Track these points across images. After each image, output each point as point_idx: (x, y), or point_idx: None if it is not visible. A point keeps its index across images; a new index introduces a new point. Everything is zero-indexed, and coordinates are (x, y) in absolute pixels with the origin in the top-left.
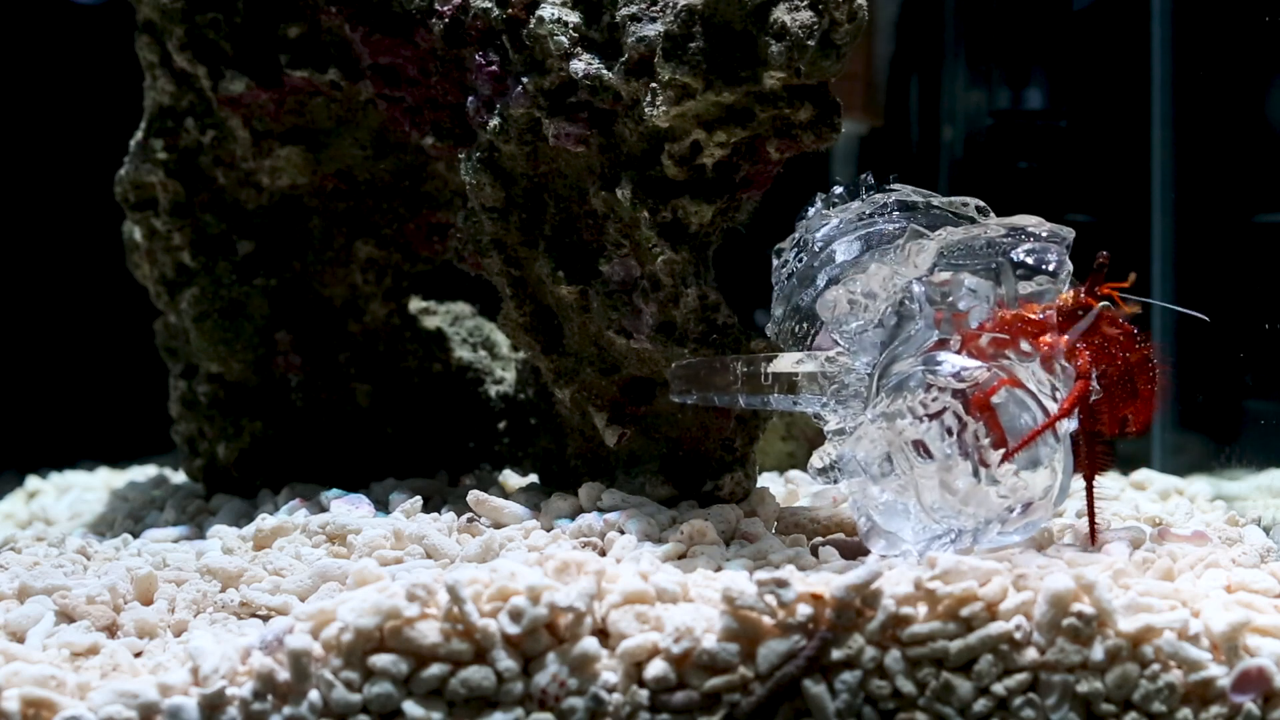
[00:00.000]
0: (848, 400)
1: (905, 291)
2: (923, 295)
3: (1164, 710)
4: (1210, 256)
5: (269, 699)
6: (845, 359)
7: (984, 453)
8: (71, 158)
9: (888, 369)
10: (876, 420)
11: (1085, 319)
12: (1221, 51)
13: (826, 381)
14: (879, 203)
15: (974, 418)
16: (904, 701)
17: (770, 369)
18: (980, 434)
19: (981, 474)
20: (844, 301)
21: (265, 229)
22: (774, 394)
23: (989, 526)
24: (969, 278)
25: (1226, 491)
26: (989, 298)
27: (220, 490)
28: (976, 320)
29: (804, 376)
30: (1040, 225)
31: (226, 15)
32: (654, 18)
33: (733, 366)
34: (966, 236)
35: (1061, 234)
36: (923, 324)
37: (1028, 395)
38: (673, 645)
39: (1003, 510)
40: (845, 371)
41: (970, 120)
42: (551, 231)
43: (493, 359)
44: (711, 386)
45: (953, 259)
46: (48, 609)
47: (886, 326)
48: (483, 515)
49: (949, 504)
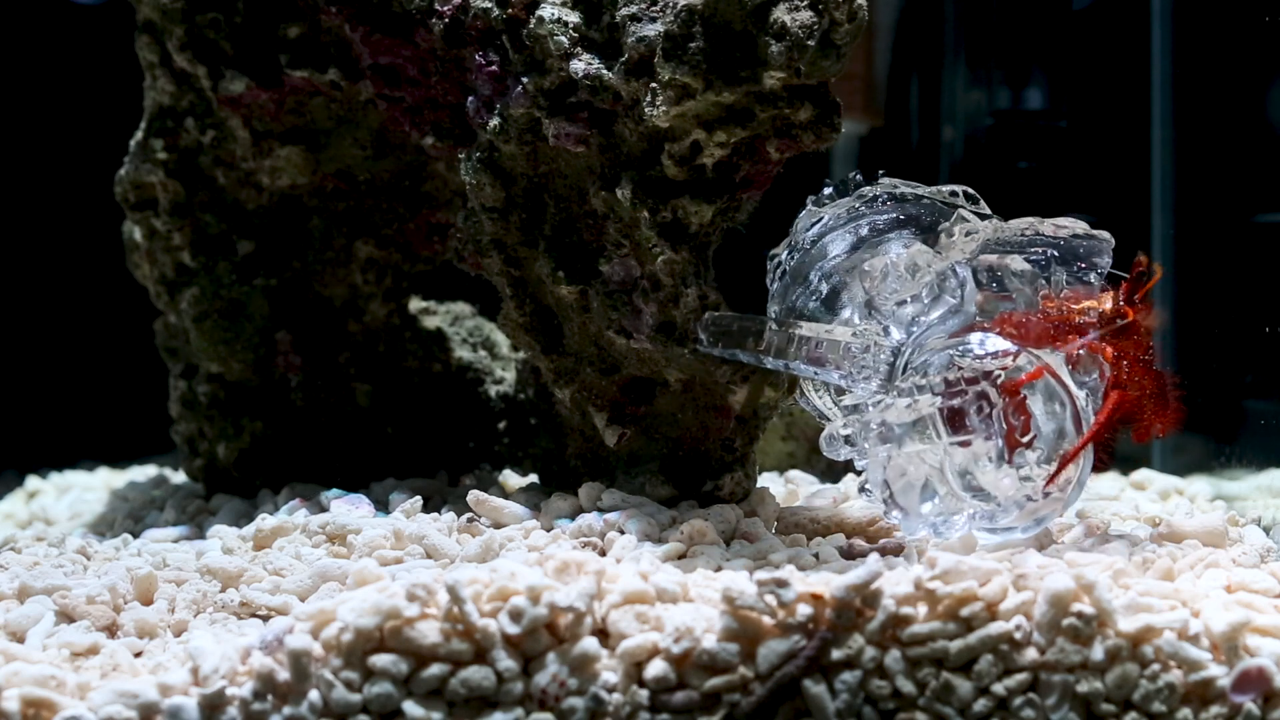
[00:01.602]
0: (870, 376)
1: (947, 271)
2: (969, 276)
3: (1164, 710)
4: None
5: (269, 699)
6: (874, 334)
7: (1011, 437)
8: (72, 158)
9: (920, 344)
10: (906, 392)
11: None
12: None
13: (851, 356)
14: (868, 196)
15: (1004, 401)
16: (904, 701)
17: (799, 333)
18: (1007, 418)
19: (1005, 457)
20: (886, 271)
21: (265, 229)
22: (799, 360)
23: (1005, 511)
24: (1018, 263)
25: (1226, 491)
26: (1035, 288)
27: (220, 490)
28: (1020, 307)
29: (829, 346)
30: (1086, 229)
31: (226, 15)
32: (654, 18)
33: (762, 327)
34: (1015, 228)
35: (1108, 240)
36: (961, 304)
37: (1060, 386)
38: (673, 645)
39: (1019, 498)
40: (873, 346)
41: (970, 120)
42: (551, 231)
43: (493, 359)
44: (740, 343)
45: (999, 248)
46: (48, 609)
47: (923, 303)
48: (483, 515)
49: (969, 482)
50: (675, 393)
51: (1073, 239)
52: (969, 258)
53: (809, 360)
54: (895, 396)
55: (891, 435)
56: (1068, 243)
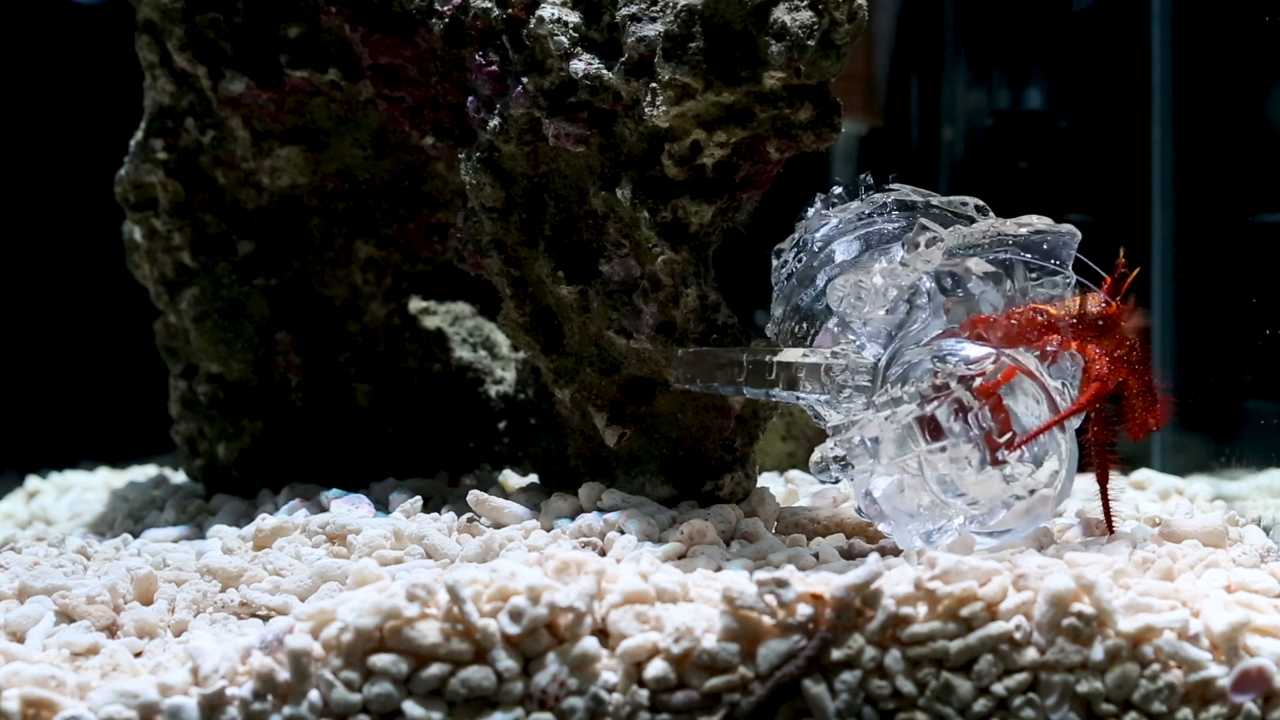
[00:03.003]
0: (851, 396)
1: (916, 282)
2: (933, 283)
3: (1164, 710)
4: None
5: (269, 699)
6: (851, 355)
7: (990, 439)
8: (72, 158)
9: (895, 356)
10: (884, 405)
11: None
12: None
13: (830, 377)
14: (878, 203)
15: (980, 403)
16: (904, 701)
17: (775, 360)
18: (986, 420)
19: (988, 460)
20: (854, 289)
21: (265, 229)
22: (777, 387)
23: (991, 514)
24: (980, 265)
25: (1226, 491)
26: (999, 288)
27: (220, 490)
28: (987, 309)
29: (807, 371)
30: (1049, 225)
31: (226, 15)
32: (654, 18)
33: (738, 357)
34: (977, 231)
35: (1071, 234)
36: (931, 313)
37: (1037, 386)
38: (673, 645)
39: (1007, 498)
40: (851, 367)
41: (970, 120)
42: (551, 231)
43: (493, 359)
44: (715, 376)
45: (963, 252)
46: (48, 609)
47: (896, 316)
48: (483, 515)
49: (952, 488)
50: (675, 393)
51: (1034, 235)
52: (936, 266)
53: (788, 386)
54: (875, 412)
55: (873, 449)
56: (1030, 240)
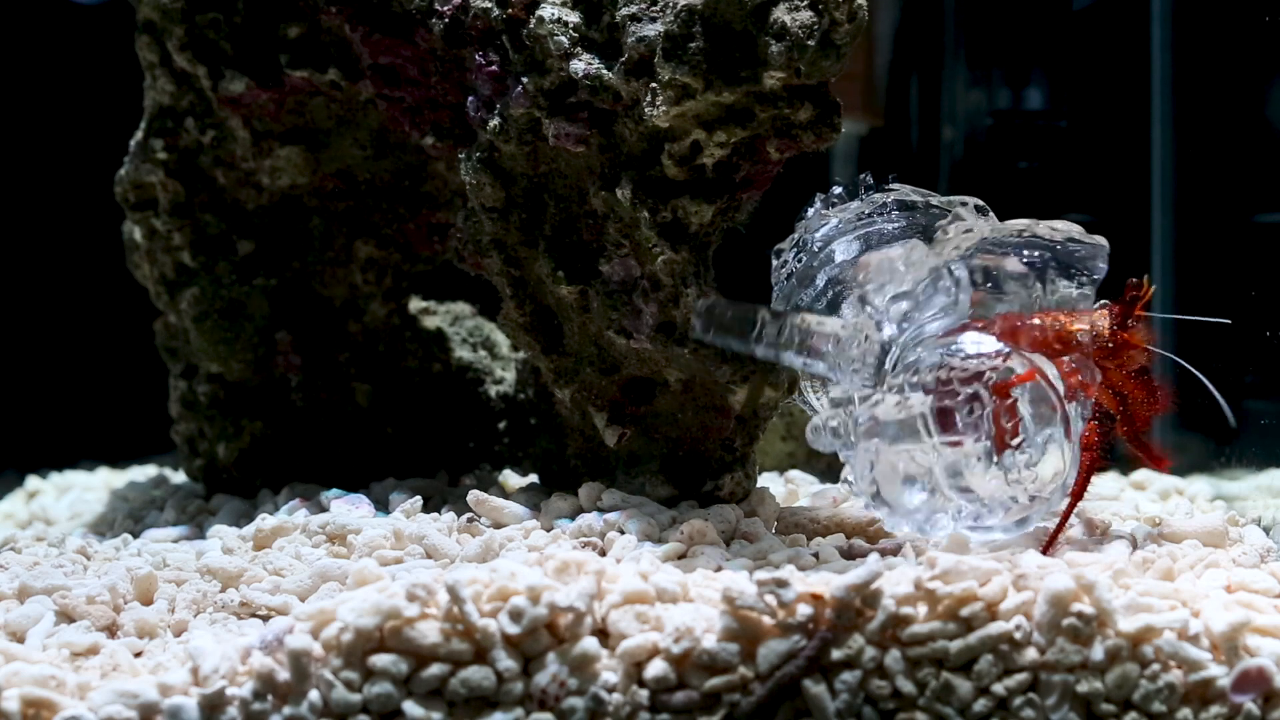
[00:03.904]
0: (859, 370)
1: (942, 269)
2: (965, 274)
3: (1164, 710)
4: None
5: (269, 699)
6: (867, 328)
7: (1000, 437)
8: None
9: (912, 341)
10: (898, 389)
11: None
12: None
13: (842, 349)
14: (878, 202)
15: (993, 400)
16: (904, 701)
17: (792, 321)
18: (996, 418)
19: (993, 457)
20: (881, 264)
21: (265, 229)
22: (789, 350)
23: (991, 512)
24: (1014, 264)
25: (1226, 491)
26: (1028, 290)
27: (220, 490)
28: (1013, 308)
29: (819, 338)
30: (1082, 234)
31: (226, 15)
32: (654, 18)
33: (756, 314)
34: (1010, 229)
35: (1102, 246)
36: (954, 302)
37: (1050, 389)
38: (673, 645)
39: (1007, 498)
40: (864, 340)
41: (970, 120)
42: (551, 231)
43: (493, 359)
44: (733, 330)
45: (996, 248)
46: (48, 609)
47: (917, 299)
48: (483, 515)
49: (956, 481)
50: (675, 393)
51: (1068, 243)
52: (964, 255)
53: (799, 350)
54: (886, 393)
55: (880, 431)
56: (1063, 246)
